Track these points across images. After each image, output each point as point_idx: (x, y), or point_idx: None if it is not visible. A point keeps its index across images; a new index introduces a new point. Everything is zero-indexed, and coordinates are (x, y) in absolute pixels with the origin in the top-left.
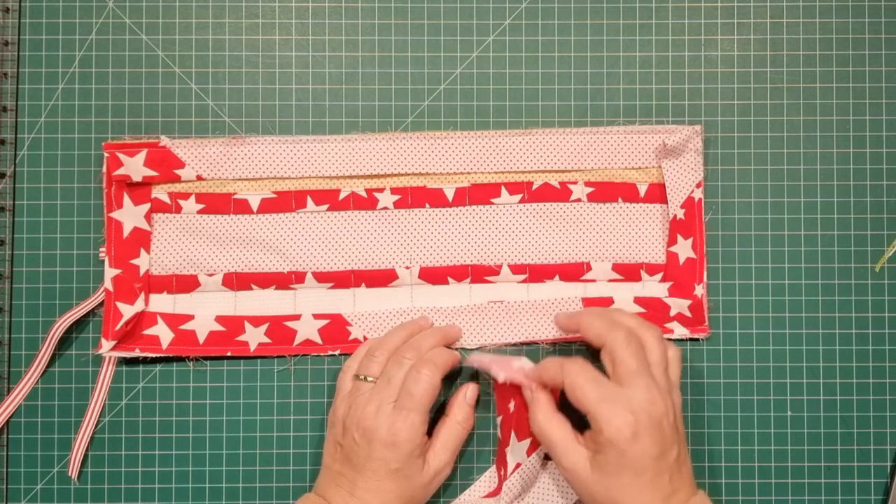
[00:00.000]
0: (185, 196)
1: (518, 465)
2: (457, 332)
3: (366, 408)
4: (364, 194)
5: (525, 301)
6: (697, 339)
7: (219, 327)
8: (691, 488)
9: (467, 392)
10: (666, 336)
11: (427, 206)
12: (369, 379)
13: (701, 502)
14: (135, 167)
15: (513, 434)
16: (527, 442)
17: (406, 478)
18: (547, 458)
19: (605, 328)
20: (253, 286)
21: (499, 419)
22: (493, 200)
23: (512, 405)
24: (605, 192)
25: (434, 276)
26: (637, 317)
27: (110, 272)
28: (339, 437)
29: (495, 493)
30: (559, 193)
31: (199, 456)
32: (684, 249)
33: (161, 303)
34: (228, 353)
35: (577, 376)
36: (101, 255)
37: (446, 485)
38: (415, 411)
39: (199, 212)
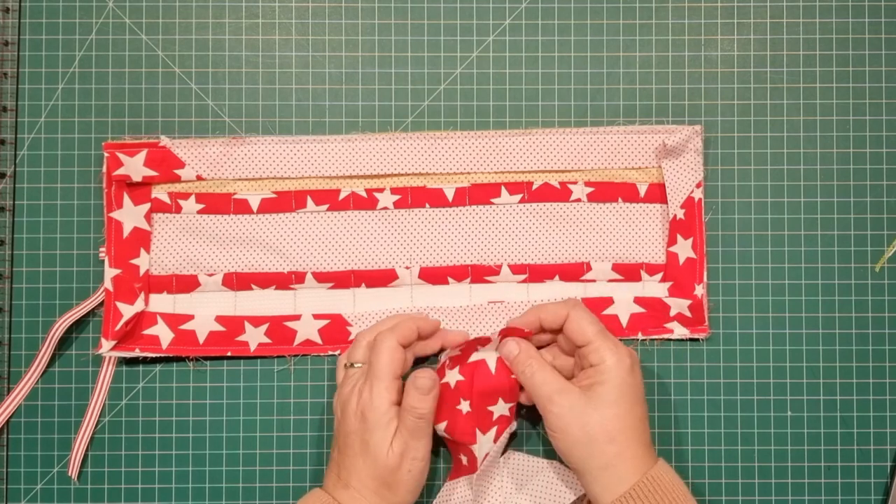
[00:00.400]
0: (185, 196)
1: (486, 455)
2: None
3: (345, 387)
4: (364, 194)
5: (525, 301)
6: (697, 339)
7: (219, 327)
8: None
9: (416, 380)
10: (666, 336)
11: (427, 206)
12: (356, 365)
13: (665, 467)
14: (135, 167)
15: (477, 430)
16: (493, 431)
17: (374, 458)
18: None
19: (560, 306)
20: (253, 286)
21: (442, 426)
22: (493, 200)
23: (466, 405)
24: (605, 192)
25: (434, 276)
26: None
27: (110, 272)
28: (334, 424)
29: (469, 470)
30: (559, 193)
31: (199, 456)
32: (684, 249)
33: (161, 303)
34: (228, 353)
35: (581, 311)
36: (101, 255)
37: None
38: (376, 379)
39: (199, 212)
